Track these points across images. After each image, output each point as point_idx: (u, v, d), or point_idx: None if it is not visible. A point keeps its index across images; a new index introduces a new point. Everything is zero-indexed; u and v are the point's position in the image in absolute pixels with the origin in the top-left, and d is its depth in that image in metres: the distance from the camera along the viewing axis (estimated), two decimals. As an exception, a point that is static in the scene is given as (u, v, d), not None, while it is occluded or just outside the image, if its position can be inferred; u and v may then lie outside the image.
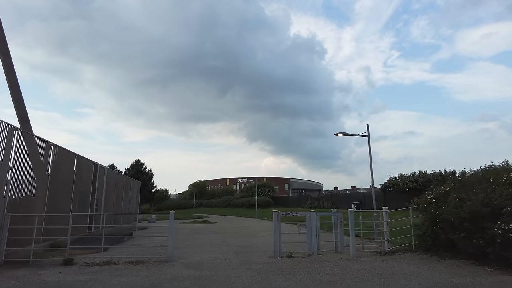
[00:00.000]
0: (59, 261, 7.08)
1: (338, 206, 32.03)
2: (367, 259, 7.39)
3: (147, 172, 40.88)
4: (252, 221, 25.71)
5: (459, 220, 6.43)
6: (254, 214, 30.92)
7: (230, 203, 46.17)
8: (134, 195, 20.82)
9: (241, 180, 69.03)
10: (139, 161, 40.78)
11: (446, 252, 7.48)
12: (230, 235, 13.96)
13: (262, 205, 38.83)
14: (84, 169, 11.78)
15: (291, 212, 8.66)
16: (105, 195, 14.48)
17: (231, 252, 8.70)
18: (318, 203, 34.60)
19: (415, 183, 23.57)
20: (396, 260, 7.26)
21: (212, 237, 13.11)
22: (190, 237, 13.22)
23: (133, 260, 7.37)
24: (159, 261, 7.38)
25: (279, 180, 66.71)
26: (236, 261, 7.43)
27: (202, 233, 14.88)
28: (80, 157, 11.44)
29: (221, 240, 11.92)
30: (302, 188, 71.14)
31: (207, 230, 16.91)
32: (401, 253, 8.09)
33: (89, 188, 12.54)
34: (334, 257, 7.76)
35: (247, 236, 13.45)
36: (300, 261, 7.32)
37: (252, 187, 44.61)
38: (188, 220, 26.34)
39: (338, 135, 12.06)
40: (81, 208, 11.61)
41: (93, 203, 13.09)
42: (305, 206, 35.69)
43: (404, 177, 24.89)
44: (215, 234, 14.43)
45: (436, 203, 7.76)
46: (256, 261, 7.33)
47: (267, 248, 9.16)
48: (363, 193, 29.11)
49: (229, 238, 12.42)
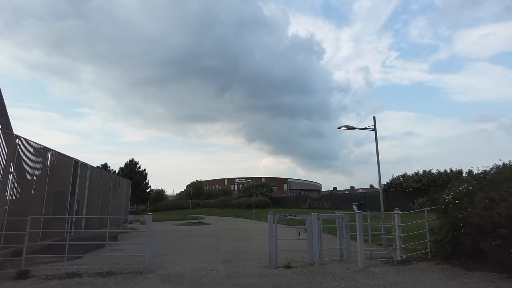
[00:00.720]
0: (13, 273, 5.95)
1: (338, 206, 30.96)
2: (379, 271, 6.29)
3: (141, 171, 39.52)
4: (248, 222, 24.60)
5: (492, 225, 5.34)
6: (251, 215, 29.82)
7: (227, 203, 45.04)
8: (124, 195, 19.65)
9: (239, 180, 67.91)
10: (133, 160, 39.46)
11: (471, 261, 6.39)
12: (223, 238, 12.85)
13: (260, 206, 37.73)
14: (60, 166, 10.64)
15: (289, 215, 7.54)
16: (88, 195, 13.34)
17: (220, 261, 7.58)
18: (318, 203, 33.54)
19: (419, 182, 22.53)
20: (413, 271, 6.17)
21: (203, 240, 11.99)
22: (180, 240, 12.10)
23: (103, 271, 6.24)
24: (134, 272, 6.26)
25: (278, 180, 65.69)
26: (224, 272, 6.31)
27: (193, 236, 13.75)
28: (56, 153, 10.29)
29: (212, 244, 10.80)
30: (301, 189, 70.10)
31: (200, 232, 15.80)
32: (416, 262, 7.00)
33: (67, 188, 11.39)
34: (340, 267, 6.66)
35: (242, 239, 12.34)
36: (299, 272, 6.21)
37: (249, 187, 43.52)
38: (182, 221, 25.23)
39: (342, 128, 10.96)
40: (57, 209, 10.45)
41: (73, 204, 11.94)
42: (304, 207, 34.62)
43: (408, 176, 23.84)
44: (207, 237, 13.32)
45: (458, 204, 6.66)
46: (248, 273, 6.22)
47: (262, 255, 8.05)
48: (364, 193, 28.05)
49: (222, 242, 11.31)
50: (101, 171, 14.82)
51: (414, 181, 22.72)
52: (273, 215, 6.84)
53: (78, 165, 12.23)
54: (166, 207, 54.76)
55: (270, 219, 6.80)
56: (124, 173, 36.52)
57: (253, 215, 29.17)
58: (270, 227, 6.76)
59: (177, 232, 15.99)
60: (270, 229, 6.74)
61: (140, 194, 37.60)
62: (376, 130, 10.82)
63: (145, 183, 40.10)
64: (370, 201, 25.91)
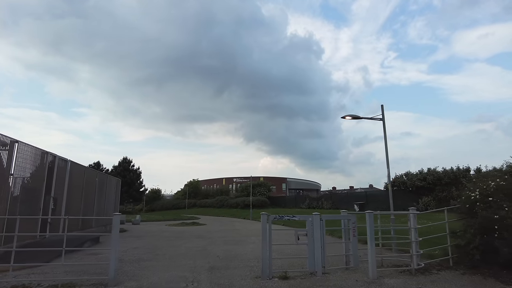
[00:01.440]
0: None
1: (338, 206, 29.90)
2: (395, 283, 5.19)
3: (134, 170, 38.16)
4: (245, 223, 23.50)
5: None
6: (248, 215, 28.72)
7: (224, 203, 43.92)
8: (112, 194, 18.51)
9: (237, 180, 66.79)
10: (126, 158, 38.11)
11: (505, 272, 5.31)
12: (215, 240, 11.74)
13: (258, 206, 36.63)
14: (28, 159, 9.50)
15: (286, 215, 6.42)
16: (68, 193, 12.21)
17: (205, 268, 6.47)
18: (317, 203, 32.45)
19: (424, 181, 21.44)
20: (437, 284, 5.07)
21: (192, 243, 10.88)
22: (166, 243, 10.98)
23: (60, 284, 5.13)
24: (98, 284, 5.15)
25: (276, 179, 64.62)
26: (206, 285, 5.20)
27: (183, 238, 12.64)
28: (23, 144, 9.15)
29: (202, 248, 9.69)
30: (300, 188, 69.06)
31: (191, 234, 14.68)
32: (437, 271, 5.90)
33: (41, 184, 10.25)
34: (347, 278, 5.55)
35: (235, 242, 11.23)
36: (298, 285, 5.11)
37: (247, 186, 42.40)
38: (175, 222, 24.12)
39: (346, 118, 9.85)
40: (27, 209, 9.33)
41: (48, 203, 10.80)
42: (303, 207, 33.54)
43: (411, 175, 22.75)
44: (198, 239, 12.20)
45: (493, 201, 5.54)
46: (235, 285, 5.12)
47: (255, 262, 6.95)
48: (365, 192, 26.99)
49: (213, 245, 10.20)
50: (84, 168, 13.68)
51: (419, 179, 21.64)
52: (266, 215, 5.72)
53: (55, 159, 11.09)
54: (162, 207, 53.63)
55: (263, 220, 5.69)
56: (117, 171, 35.28)
57: (250, 215, 28.08)
58: (263, 230, 5.65)
59: (167, 233, 14.88)
60: (263, 233, 5.63)
61: (133, 194, 36.27)
62: (384, 120, 9.73)
63: (139, 182, 38.71)
64: (372, 200, 24.87)
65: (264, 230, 5.64)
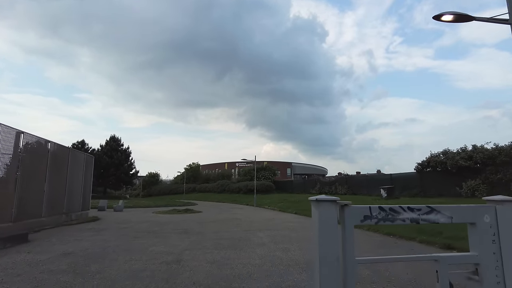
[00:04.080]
0: None
1: (355, 191, 26.02)
2: None
3: (123, 150, 34.00)
4: (247, 210, 19.71)
5: None
6: (251, 201, 24.99)
7: (225, 188, 40.30)
8: (80, 174, 14.65)
9: (240, 164, 63.11)
10: (114, 136, 33.96)
11: None
12: (203, 239, 7.88)
13: (262, 191, 32.94)
14: None
15: (389, 207, 1.69)
16: None
17: None
18: (329, 188, 28.63)
19: (469, 160, 17.31)
20: None
21: (166, 245, 7.00)
22: (126, 244, 7.09)
23: None
24: None
25: (281, 164, 60.91)
26: None
27: (159, 235, 8.77)
28: None
29: (176, 256, 5.80)
30: (305, 173, 65.50)
31: (175, 226, 10.86)
32: None
33: None
34: None
35: (233, 242, 7.35)
36: None
37: (250, 170, 38.58)
38: (166, 209, 20.37)
39: (443, 17, 5.62)
40: None
41: None
42: (313, 192, 29.77)
43: (452, 153, 18.62)
44: (179, 236, 8.34)
45: None
46: None
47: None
48: (390, 175, 22.99)
49: (195, 251, 6.31)
50: (21, 134, 9.65)
51: (462, 158, 17.51)
52: (334, 204, 1.55)
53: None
54: (160, 192, 50.33)
55: (325, 217, 1.58)
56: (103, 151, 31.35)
57: (254, 201, 24.33)
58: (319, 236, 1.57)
59: (144, 225, 11.07)
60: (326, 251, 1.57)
61: (122, 176, 32.36)
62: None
63: (129, 164, 34.69)
64: (398, 185, 20.92)
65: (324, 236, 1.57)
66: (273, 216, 15.15)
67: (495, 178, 16.01)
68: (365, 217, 1.52)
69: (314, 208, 1.60)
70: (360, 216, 1.52)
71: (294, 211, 16.54)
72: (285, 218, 13.65)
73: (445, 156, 18.87)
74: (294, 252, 6.09)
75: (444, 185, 18.40)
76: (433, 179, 19.34)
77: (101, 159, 29.40)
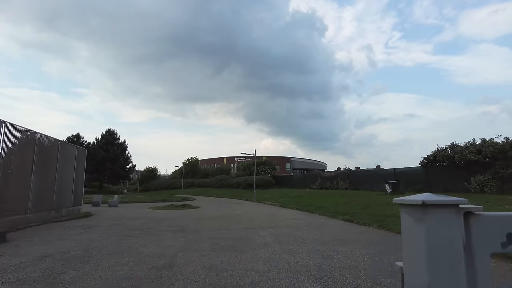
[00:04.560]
0: None
1: (357, 186, 25.37)
2: None
3: (119, 144, 33.11)
4: (247, 205, 19.04)
5: None
6: (251, 196, 24.34)
7: (224, 183, 39.62)
8: (70, 167, 13.90)
9: (239, 159, 62.40)
10: (110, 130, 33.01)
11: None
12: (202, 236, 7.19)
13: (262, 186, 32.27)
14: None
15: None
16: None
17: None
18: (331, 183, 27.97)
19: (478, 154, 16.63)
20: None
21: (158, 246, 6.30)
22: (115, 245, 6.39)
23: None
24: None
25: (280, 159, 60.27)
26: None
27: (152, 233, 8.08)
28: None
29: (168, 260, 5.11)
30: (304, 168, 64.95)
31: (171, 223, 10.17)
32: None
33: None
34: None
35: (233, 243, 6.65)
36: None
37: (250, 165, 37.88)
38: (163, 204, 19.70)
39: None
40: None
41: None
42: (314, 187, 29.16)
43: (459, 147, 17.93)
44: (174, 235, 7.64)
45: None
46: None
47: None
48: (394, 169, 22.32)
49: (190, 253, 5.61)
50: (2, 124, 8.86)
51: (471, 152, 16.83)
52: (456, 211, 0.75)
53: None
54: (158, 187, 49.62)
55: (433, 241, 1.17)
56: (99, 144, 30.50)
57: (254, 196, 23.68)
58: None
59: (138, 222, 10.38)
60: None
61: (118, 171, 31.53)
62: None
63: (125, 158, 33.76)
64: (403, 179, 20.27)
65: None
66: (274, 212, 14.48)
67: (506, 173, 15.34)
68: (511, 237, 0.78)
69: (411, 217, 0.79)
70: (500, 234, 0.77)
71: (295, 207, 15.89)
72: (287, 214, 12.98)
73: (453, 150, 18.19)
74: (302, 255, 5.40)
75: (451, 180, 17.74)
76: (439, 174, 18.68)
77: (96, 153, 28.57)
